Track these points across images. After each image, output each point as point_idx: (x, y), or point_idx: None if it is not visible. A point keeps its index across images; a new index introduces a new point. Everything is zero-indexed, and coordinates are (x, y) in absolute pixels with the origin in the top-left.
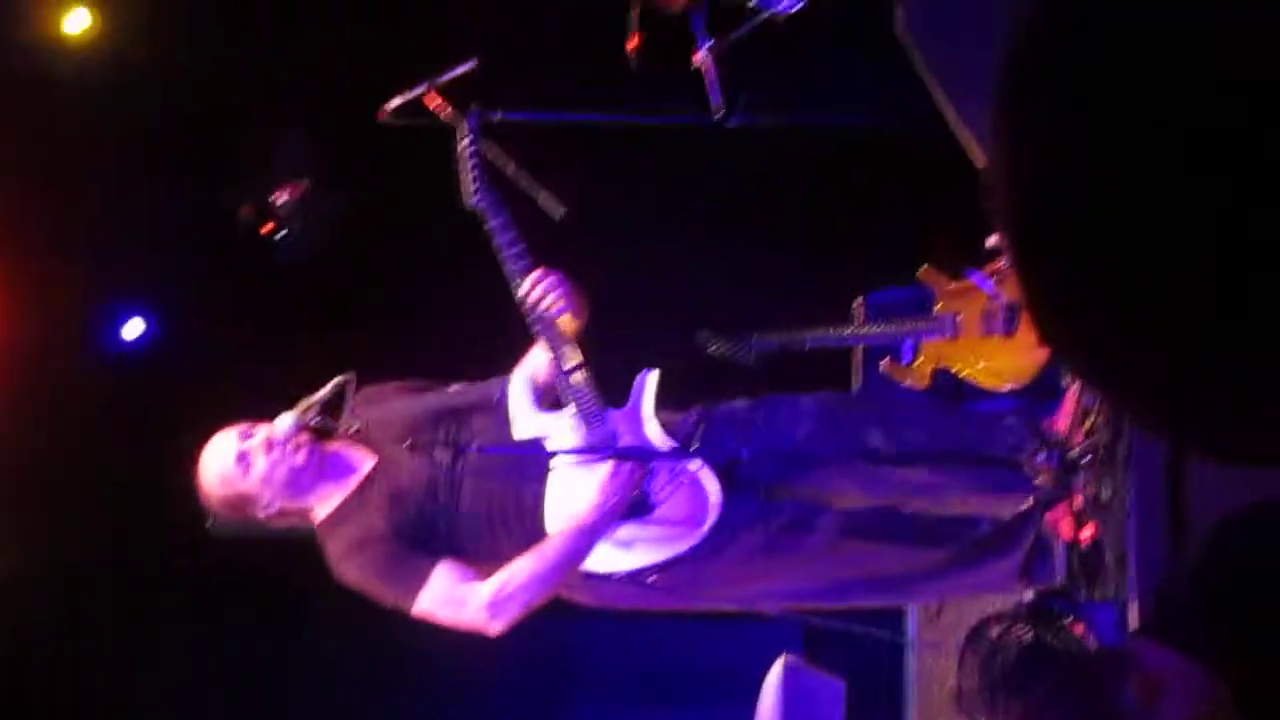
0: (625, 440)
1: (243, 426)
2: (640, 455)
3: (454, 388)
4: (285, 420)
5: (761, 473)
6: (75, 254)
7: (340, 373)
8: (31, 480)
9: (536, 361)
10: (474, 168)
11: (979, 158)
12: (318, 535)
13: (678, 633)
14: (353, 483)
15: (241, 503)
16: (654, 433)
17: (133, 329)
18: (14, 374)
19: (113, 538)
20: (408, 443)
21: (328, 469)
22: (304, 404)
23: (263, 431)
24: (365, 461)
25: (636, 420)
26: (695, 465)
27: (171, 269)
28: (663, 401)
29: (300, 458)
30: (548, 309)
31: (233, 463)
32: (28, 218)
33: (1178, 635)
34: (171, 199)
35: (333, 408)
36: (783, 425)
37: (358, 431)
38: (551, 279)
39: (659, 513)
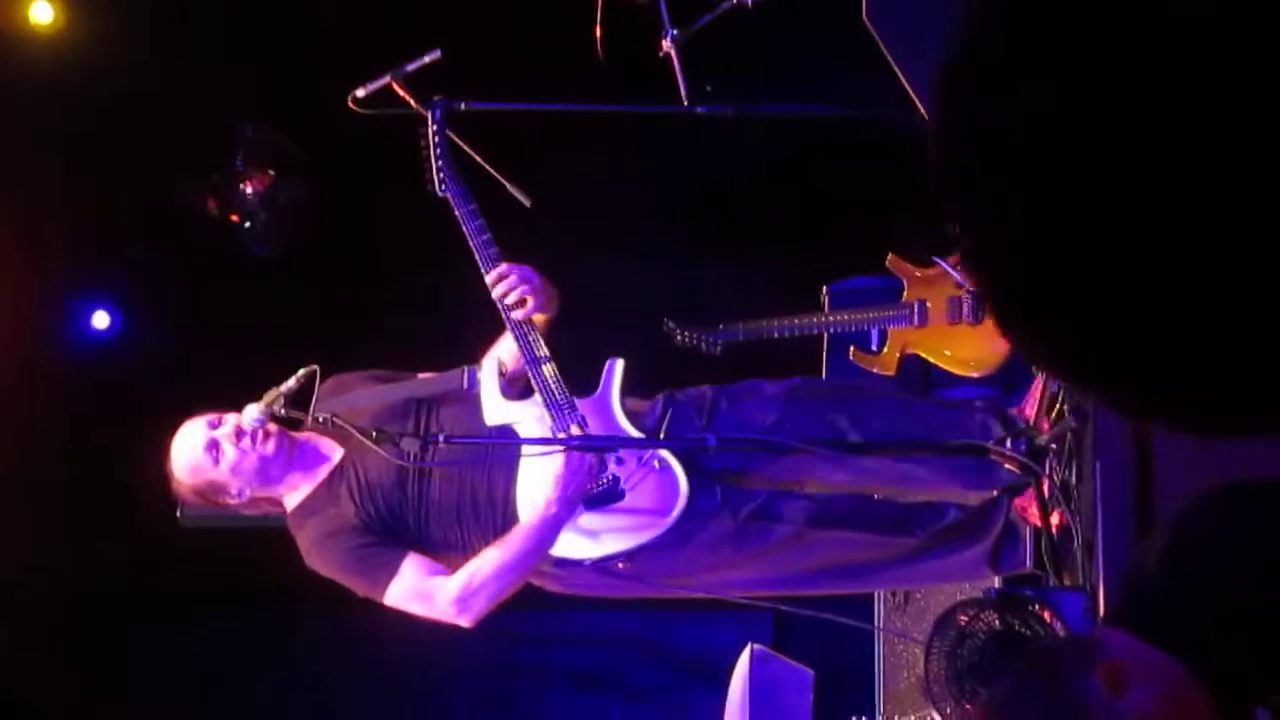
0: (593, 428)
1: (211, 416)
2: (606, 443)
3: (422, 376)
4: (252, 411)
5: (729, 461)
6: (42, 247)
7: (307, 363)
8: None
9: (505, 349)
10: (439, 157)
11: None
12: (289, 524)
13: (646, 622)
14: (322, 472)
15: (211, 491)
16: (621, 421)
17: (100, 321)
18: None
19: (82, 530)
20: (373, 434)
21: (297, 458)
22: (271, 395)
23: (231, 420)
24: (335, 451)
25: (605, 408)
26: (663, 453)
27: (137, 261)
28: (630, 389)
29: (270, 447)
30: (516, 303)
31: (202, 452)
32: None
33: (1143, 622)
34: (136, 191)
35: (300, 398)
36: (749, 413)
37: (325, 422)
38: (519, 271)
39: (627, 500)
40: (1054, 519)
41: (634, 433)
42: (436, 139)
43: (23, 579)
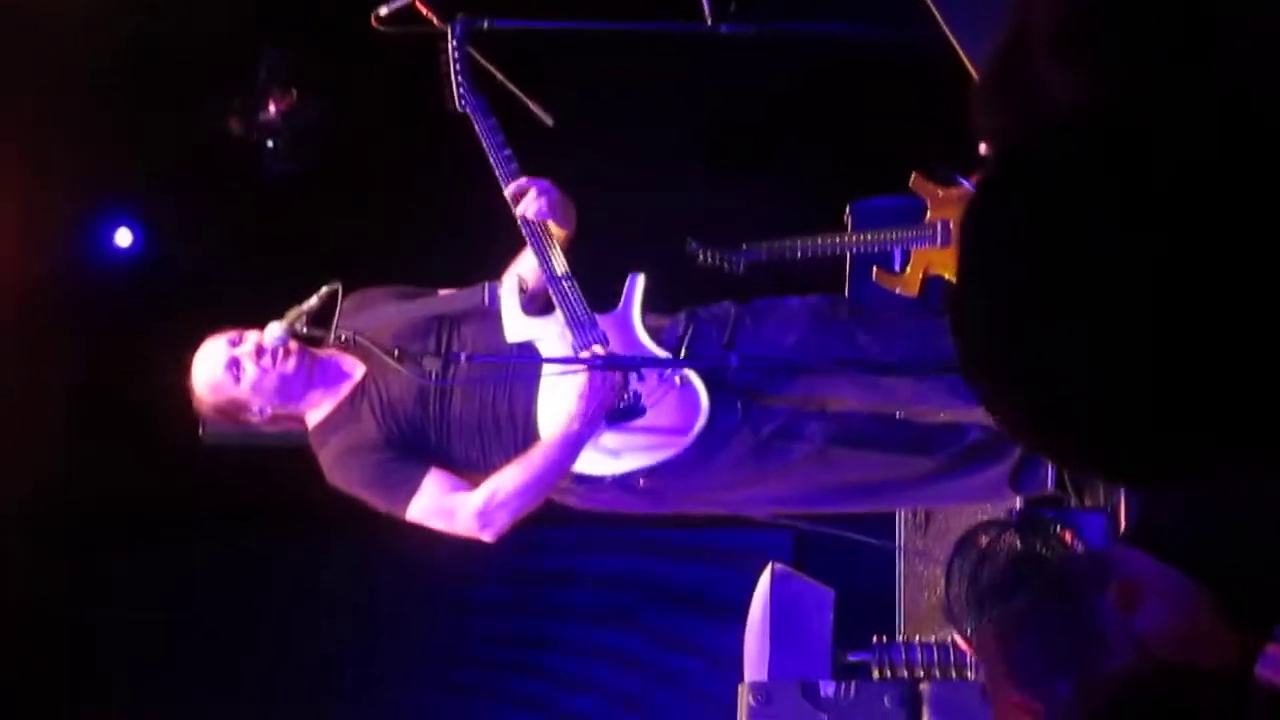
0: (614, 344)
1: (232, 334)
2: (628, 363)
3: (443, 293)
4: (274, 329)
5: (750, 378)
6: (65, 165)
7: (329, 281)
8: (26, 391)
9: (525, 266)
10: (459, 72)
11: (972, 67)
12: (311, 441)
13: (666, 543)
14: (344, 390)
15: (233, 409)
16: (642, 337)
17: (123, 238)
18: (3, 284)
19: (105, 450)
20: (395, 352)
21: (318, 376)
22: (292, 313)
23: (252, 338)
24: (356, 369)
25: (625, 324)
26: (684, 370)
27: (160, 180)
28: (651, 306)
29: (290, 364)
30: (535, 214)
31: (222, 370)
32: (17, 131)
33: (1161, 543)
34: (159, 111)
35: (321, 317)
36: (772, 330)
37: (346, 340)
38: (538, 184)
39: (648, 417)
40: None
41: (655, 349)
42: (456, 54)
43: (43, 500)
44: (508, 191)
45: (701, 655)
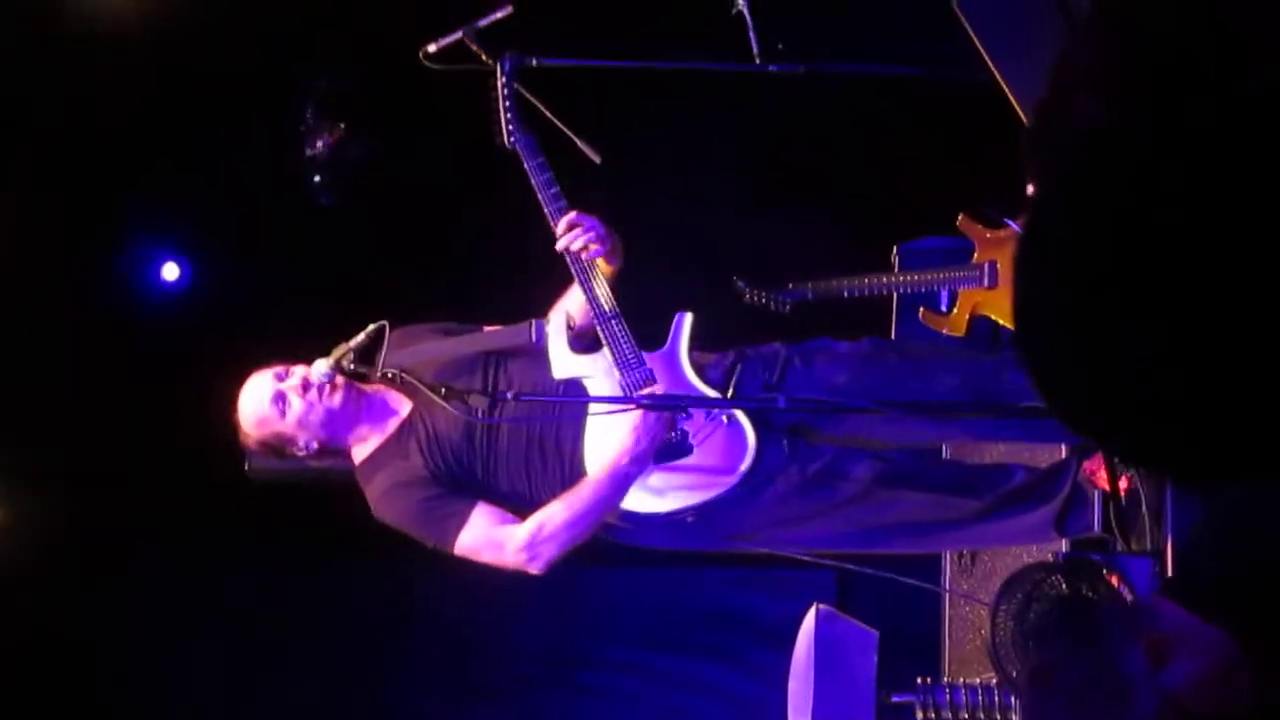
0: (661, 382)
1: (278, 368)
2: (675, 402)
3: (488, 329)
4: (320, 366)
5: (797, 417)
6: (112, 199)
7: (375, 318)
8: (73, 424)
9: (573, 302)
10: (508, 109)
11: (1021, 109)
12: (358, 476)
13: (711, 581)
14: (391, 426)
15: (279, 443)
16: (690, 375)
17: (170, 273)
18: (53, 316)
19: (153, 484)
20: (442, 390)
21: (364, 411)
22: (339, 350)
23: (299, 373)
24: (403, 405)
25: (673, 363)
26: (731, 409)
27: (207, 215)
28: (698, 344)
29: (336, 399)
30: (583, 251)
31: (269, 404)
32: (63, 166)
33: (1195, 596)
34: (206, 145)
35: (367, 353)
36: (820, 371)
37: (392, 377)
38: (587, 222)
39: (695, 456)
40: (1122, 484)
41: (702, 388)
42: (506, 91)
43: (93, 532)
44: (557, 229)
45: (745, 693)
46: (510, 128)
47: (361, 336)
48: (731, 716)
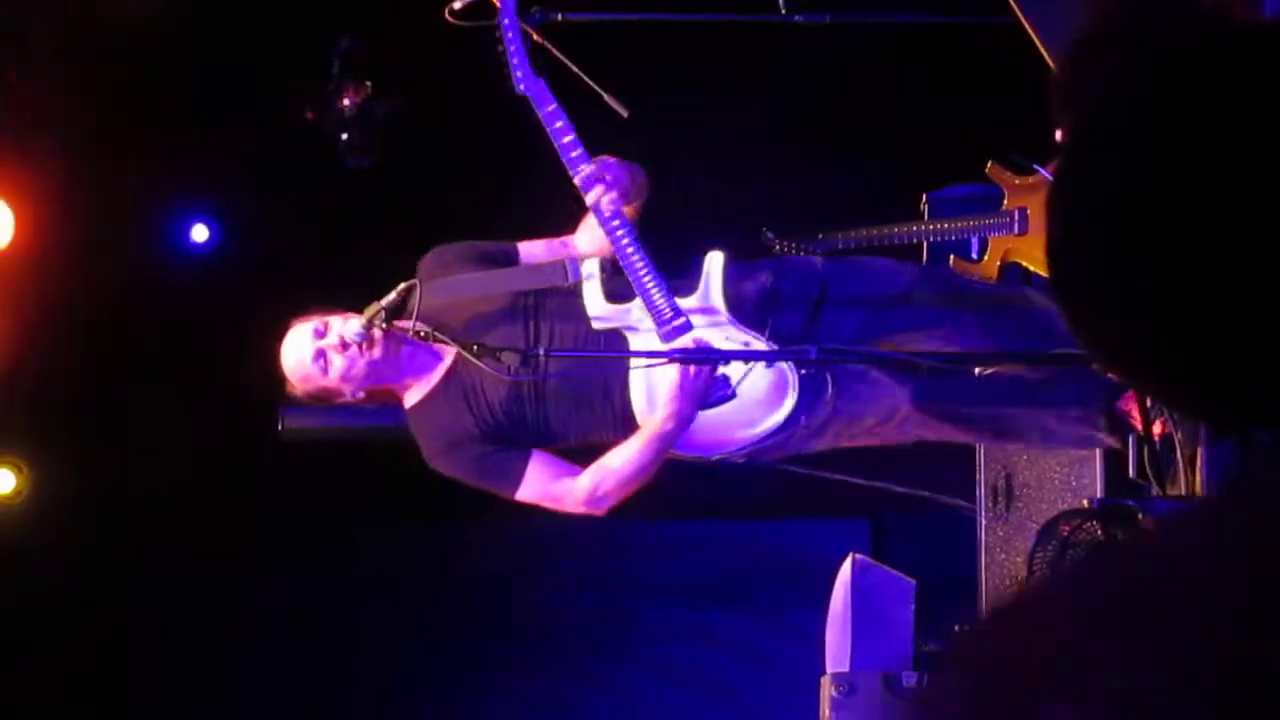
0: (698, 328)
1: (316, 323)
2: (712, 358)
3: (524, 252)
4: (352, 326)
5: (838, 332)
6: (141, 161)
7: (406, 277)
8: (104, 388)
9: (593, 227)
10: (514, 54)
11: (1047, 53)
12: (409, 421)
13: (745, 533)
14: (438, 373)
15: (326, 395)
16: (725, 317)
17: (199, 234)
18: (82, 278)
19: (185, 446)
20: (474, 348)
21: (407, 361)
22: (370, 309)
23: (336, 329)
24: (447, 351)
25: (708, 306)
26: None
27: (235, 176)
28: (733, 272)
29: (377, 352)
30: (609, 207)
31: (310, 362)
32: (91, 128)
33: None
34: (233, 105)
35: (398, 313)
36: (865, 289)
37: (425, 336)
38: (605, 167)
39: (739, 399)
40: (1156, 428)
41: (738, 329)
42: (511, 34)
43: (122, 495)
44: (577, 181)
45: (782, 643)
46: (519, 73)
47: (393, 295)
48: (768, 668)
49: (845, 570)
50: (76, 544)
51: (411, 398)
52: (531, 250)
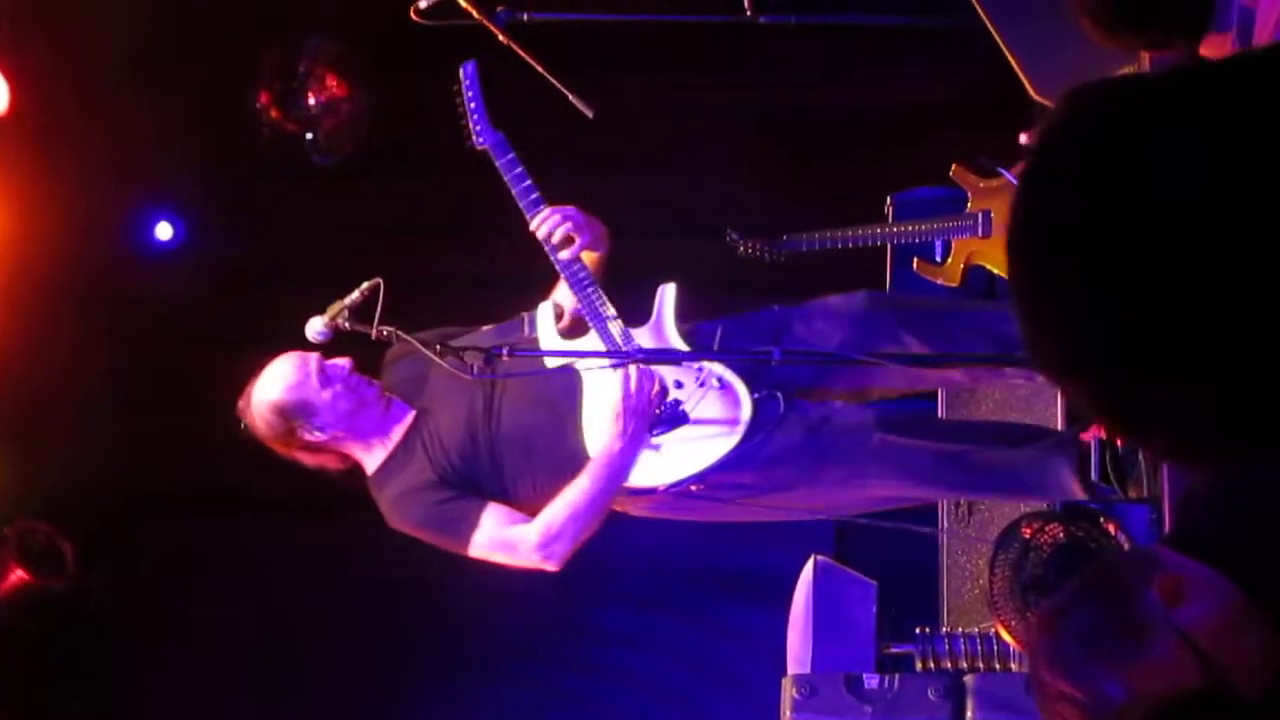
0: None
1: (318, 355)
2: (668, 358)
3: (485, 329)
4: (316, 324)
5: (793, 375)
6: (105, 159)
7: (371, 276)
8: (68, 384)
9: (564, 294)
10: (474, 110)
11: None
12: (370, 488)
13: (708, 535)
14: (397, 434)
15: (297, 413)
16: (677, 344)
17: (163, 232)
18: (44, 275)
19: (145, 442)
20: (437, 347)
21: (385, 416)
22: (334, 308)
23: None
24: (406, 413)
25: (660, 335)
26: (721, 372)
27: (200, 173)
28: (691, 311)
29: (372, 393)
30: (563, 242)
31: (314, 372)
32: (55, 125)
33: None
34: (199, 102)
35: (363, 312)
36: (817, 332)
37: (389, 335)
38: (564, 213)
39: (691, 423)
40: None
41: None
42: (471, 94)
43: (84, 492)
44: (534, 227)
45: (743, 646)
46: (478, 128)
47: (356, 294)
48: (730, 669)
49: (807, 572)
50: (34, 545)
51: (372, 463)
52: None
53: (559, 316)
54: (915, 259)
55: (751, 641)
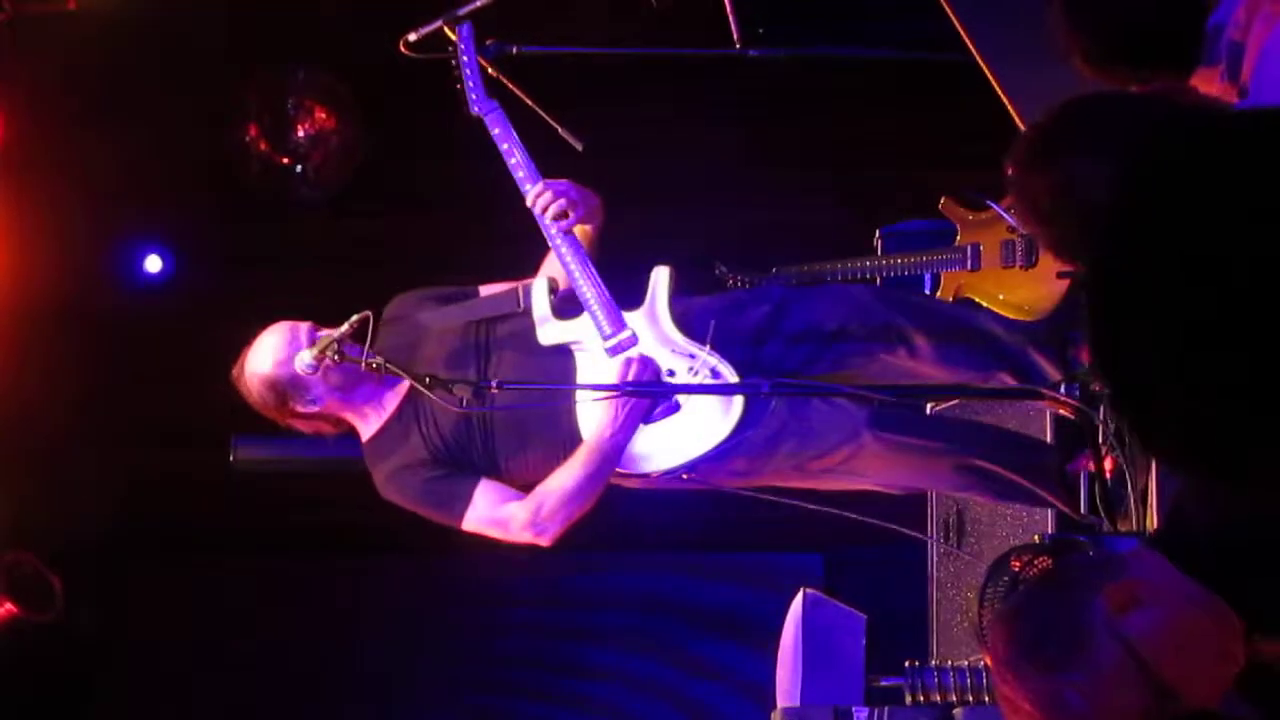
0: (643, 341)
1: (309, 325)
2: (659, 391)
3: (484, 292)
4: (305, 357)
5: (784, 362)
6: (94, 191)
7: (359, 308)
8: (54, 416)
9: (556, 266)
10: (469, 76)
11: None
12: (365, 456)
13: (696, 566)
14: (391, 403)
15: (288, 386)
16: (670, 331)
17: (152, 264)
18: (34, 308)
19: (135, 475)
20: (426, 380)
21: (363, 390)
22: (324, 340)
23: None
24: (400, 381)
25: (654, 320)
26: (715, 363)
27: (189, 206)
28: (680, 290)
29: (334, 379)
30: (558, 215)
31: (304, 336)
32: (46, 157)
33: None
34: (188, 134)
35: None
36: (817, 314)
37: (377, 368)
38: (558, 186)
39: (683, 412)
40: (1107, 464)
41: (684, 342)
42: (466, 58)
43: (71, 525)
44: (529, 200)
45: (733, 680)
46: (473, 95)
47: (346, 327)
48: (719, 703)
49: (796, 604)
50: (21, 577)
51: (367, 430)
52: (492, 290)
53: (554, 291)
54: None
55: (740, 674)
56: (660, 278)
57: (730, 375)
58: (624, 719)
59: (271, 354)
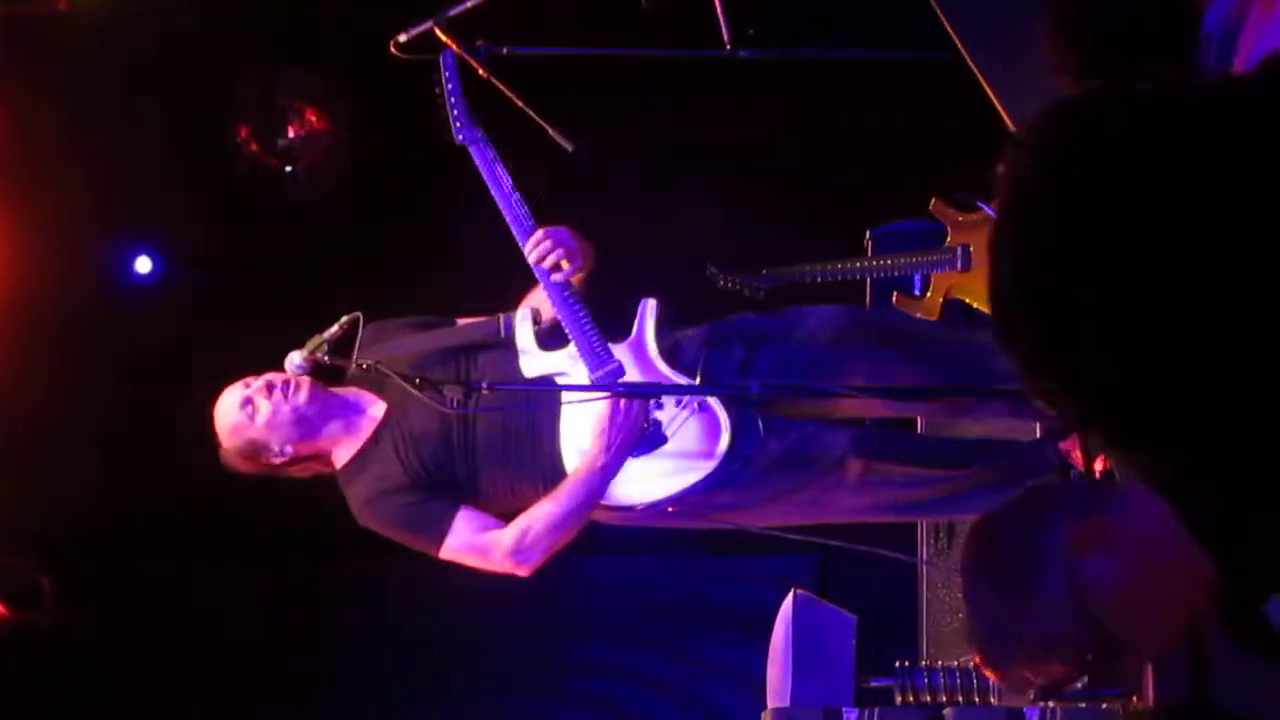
0: (630, 374)
1: (247, 378)
2: (648, 392)
3: (461, 322)
4: (294, 358)
5: (772, 394)
6: (84, 192)
7: (350, 309)
8: (45, 417)
9: (540, 297)
10: (452, 106)
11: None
12: (340, 482)
13: (688, 568)
14: (367, 429)
15: (254, 451)
16: (658, 364)
17: (142, 265)
18: (24, 309)
19: (125, 477)
20: (416, 381)
21: (335, 409)
22: (313, 341)
23: (264, 377)
24: (377, 406)
25: (641, 352)
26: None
27: (179, 207)
28: (667, 321)
29: (302, 397)
30: (554, 267)
31: (238, 410)
32: (36, 158)
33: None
34: (179, 135)
35: (343, 345)
36: (795, 347)
37: (367, 368)
38: (556, 236)
39: (671, 444)
40: (1097, 464)
41: (672, 375)
42: (450, 86)
43: (63, 526)
44: (527, 252)
45: (724, 680)
46: (458, 123)
47: (335, 328)
48: (709, 703)
49: (787, 605)
50: (12, 579)
51: (341, 456)
52: (470, 322)
53: (537, 323)
54: (894, 293)
55: (730, 675)
56: (648, 310)
57: (720, 411)
58: (620, 717)
59: (225, 427)
